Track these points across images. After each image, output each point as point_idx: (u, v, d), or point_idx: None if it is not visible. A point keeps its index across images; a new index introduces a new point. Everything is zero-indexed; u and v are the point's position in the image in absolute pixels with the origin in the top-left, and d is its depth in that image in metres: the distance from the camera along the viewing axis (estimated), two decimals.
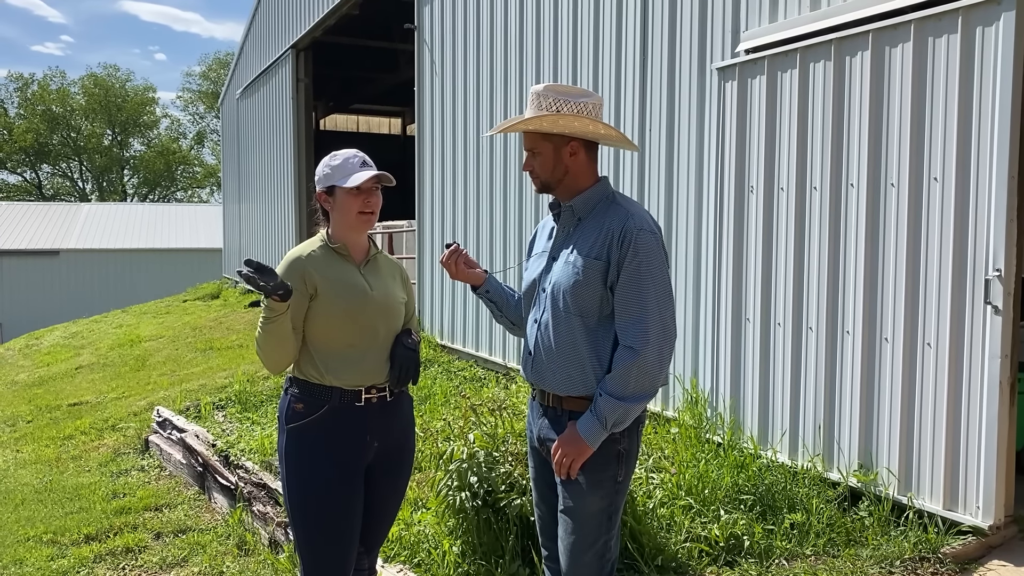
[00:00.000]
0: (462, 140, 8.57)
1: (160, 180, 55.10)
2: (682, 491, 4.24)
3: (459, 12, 8.57)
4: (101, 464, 6.76)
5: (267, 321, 2.67)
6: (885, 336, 4.19)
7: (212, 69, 54.62)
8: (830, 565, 3.72)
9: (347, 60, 17.41)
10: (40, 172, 53.53)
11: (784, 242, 4.70)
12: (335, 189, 2.81)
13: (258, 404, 7.34)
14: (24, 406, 9.86)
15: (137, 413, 8.13)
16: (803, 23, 4.62)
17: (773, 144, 4.77)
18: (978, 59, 3.79)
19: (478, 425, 4.16)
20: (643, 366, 2.38)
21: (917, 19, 4.01)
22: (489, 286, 2.84)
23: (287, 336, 2.71)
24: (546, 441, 2.59)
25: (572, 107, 2.51)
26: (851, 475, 4.29)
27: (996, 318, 3.74)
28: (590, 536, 2.50)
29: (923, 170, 4.02)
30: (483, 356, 8.08)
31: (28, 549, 4.94)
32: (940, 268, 3.95)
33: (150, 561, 4.70)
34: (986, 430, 3.79)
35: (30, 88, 51.46)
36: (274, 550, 4.61)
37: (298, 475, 2.78)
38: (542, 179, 2.60)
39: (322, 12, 12.79)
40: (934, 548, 3.79)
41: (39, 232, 31.98)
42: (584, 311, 2.49)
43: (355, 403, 2.79)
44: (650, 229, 2.47)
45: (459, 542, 3.81)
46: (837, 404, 4.43)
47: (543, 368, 2.57)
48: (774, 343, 4.78)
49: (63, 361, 13.23)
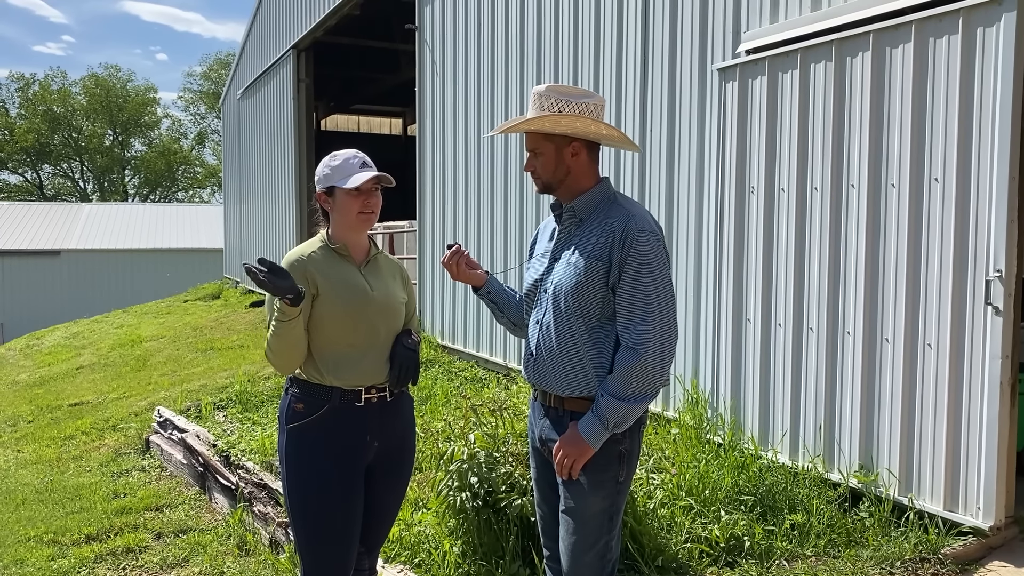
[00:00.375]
0: (463, 140, 8.57)
1: (161, 180, 55.12)
2: (682, 492, 4.24)
3: (460, 12, 8.57)
4: (102, 464, 6.76)
5: (280, 324, 2.67)
6: (886, 337, 4.19)
7: (213, 69, 54.65)
8: (831, 566, 3.72)
9: (348, 60, 17.42)
10: (41, 172, 53.60)
11: (785, 243, 4.70)
12: (335, 190, 2.81)
13: (259, 404, 7.35)
14: (25, 406, 9.87)
15: (138, 413, 8.14)
16: (804, 24, 4.62)
17: (774, 145, 4.77)
18: (979, 60, 3.79)
19: (479, 425, 4.16)
20: (645, 367, 2.38)
21: (918, 20, 4.01)
22: (490, 287, 2.85)
23: (300, 339, 2.72)
24: (547, 442, 2.59)
25: (574, 107, 2.51)
26: (852, 476, 4.29)
27: (997, 319, 3.74)
28: (591, 536, 2.50)
29: (924, 171, 4.01)
30: (484, 357, 8.08)
31: (29, 549, 4.94)
32: (941, 269, 3.95)
33: (151, 561, 4.71)
34: (987, 431, 3.79)
35: (31, 88, 51.50)
36: (275, 550, 4.62)
37: (298, 475, 2.78)
38: (544, 180, 2.60)
39: (323, 12, 12.79)
40: (935, 549, 3.78)
41: (40, 232, 31.99)
42: (586, 312, 2.49)
43: (355, 403, 2.79)
44: (652, 230, 2.47)
45: (460, 542, 3.81)
46: (838, 405, 4.43)
47: (545, 369, 2.57)
48: (775, 344, 4.78)
49: (64, 361, 13.24)
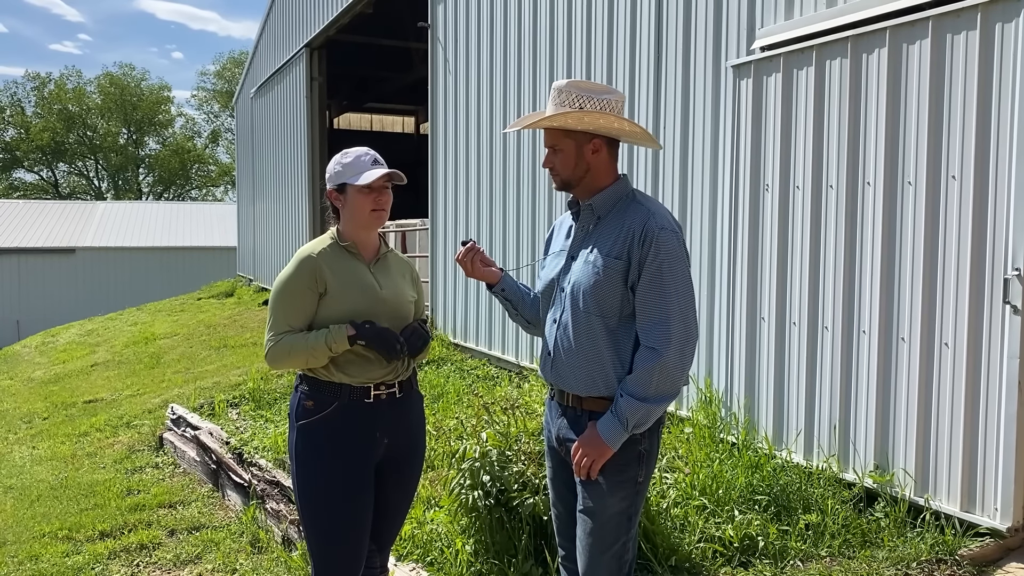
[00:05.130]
0: (475, 138, 8.56)
1: (175, 179, 55.41)
2: (696, 491, 4.22)
3: (472, 10, 8.56)
4: (116, 461, 6.80)
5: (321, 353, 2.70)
6: (902, 336, 4.15)
7: (227, 68, 54.91)
8: (845, 566, 3.69)
9: (361, 59, 17.45)
10: (56, 171, 53.97)
11: (800, 241, 4.67)
12: (346, 187, 2.81)
13: (271, 402, 7.36)
14: (40, 403, 9.94)
15: (152, 410, 8.18)
16: (819, 20, 4.59)
17: (789, 142, 4.73)
18: (997, 56, 3.75)
19: (491, 424, 4.15)
20: (665, 367, 2.36)
21: (935, 16, 3.97)
22: (504, 284, 2.82)
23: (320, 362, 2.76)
24: (565, 441, 2.57)
25: (595, 104, 2.48)
26: (867, 476, 4.26)
27: (1015, 318, 3.70)
28: (609, 537, 2.48)
29: (941, 168, 3.97)
30: (496, 355, 8.07)
31: (44, 545, 4.97)
32: (958, 267, 3.91)
33: (164, 558, 4.72)
34: (1004, 431, 3.75)
35: (47, 87, 51.88)
36: (287, 548, 4.62)
37: (309, 472, 2.78)
38: (563, 176, 2.57)
39: (336, 11, 12.81)
40: (951, 550, 3.75)
41: (55, 230, 32.21)
42: (604, 311, 2.47)
43: (365, 400, 2.79)
44: (671, 228, 2.44)
45: (472, 541, 3.80)
46: (853, 404, 4.40)
47: (563, 368, 2.55)
48: (789, 342, 4.75)
49: (79, 358, 13.32)
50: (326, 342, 2.69)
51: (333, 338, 2.69)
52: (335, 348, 2.69)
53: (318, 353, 2.70)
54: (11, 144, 50.67)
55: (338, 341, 2.68)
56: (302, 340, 2.71)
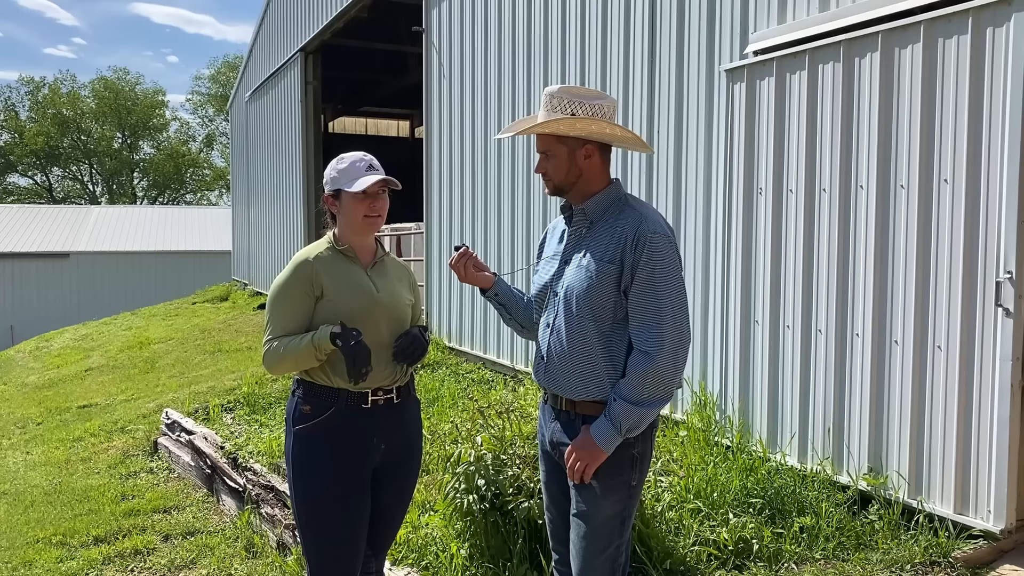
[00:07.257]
0: (470, 142, 8.57)
1: (169, 183, 55.34)
2: (690, 494, 4.22)
3: (467, 15, 8.57)
4: (110, 466, 6.78)
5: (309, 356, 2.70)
6: (895, 339, 4.17)
7: (221, 72, 54.85)
8: (840, 569, 3.70)
9: (356, 63, 17.44)
10: (51, 175, 53.84)
11: (793, 244, 4.68)
12: (341, 193, 2.81)
13: (266, 406, 7.36)
14: (34, 408, 9.91)
15: (146, 415, 8.16)
16: (812, 24, 4.61)
17: (782, 146, 4.75)
18: (988, 60, 3.77)
19: (486, 428, 4.15)
20: (658, 371, 2.37)
21: (927, 20, 3.99)
22: (498, 289, 2.83)
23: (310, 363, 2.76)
24: (559, 445, 2.57)
25: (587, 109, 2.49)
26: (861, 478, 4.27)
27: (1007, 321, 3.72)
28: (603, 540, 2.49)
29: (933, 172, 3.99)
30: (491, 359, 8.07)
31: (38, 551, 4.96)
32: (950, 270, 3.93)
33: (159, 563, 4.72)
34: (997, 433, 3.76)
35: (41, 91, 51.78)
36: (282, 552, 4.62)
37: (305, 477, 2.78)
38: (555, 182, 2.58)
39: (330, 15, 12.81)
40: (945, 552, 3.76)
41: (49, 234, 32.13)
42: (598, 315, 2.47)
43: (362, 405, 2.79)
44: (664, 232, 2.46)
45: (467, 545, 3.80)
46: (847, 407, 4.41)
47: (556, 372, 2.56)
48: (783, 346, 4.76)
49: (73, 363, 13.29)
50: (312, 342, 2.69)
51: (319, 337, 2.69)
52: (320, 347, 2.69)
53: (306, 354, 2.70)
54: (5, 148, 50.53)
55: (323, 340, 2.68)
56: (295, 342, 2.72)
